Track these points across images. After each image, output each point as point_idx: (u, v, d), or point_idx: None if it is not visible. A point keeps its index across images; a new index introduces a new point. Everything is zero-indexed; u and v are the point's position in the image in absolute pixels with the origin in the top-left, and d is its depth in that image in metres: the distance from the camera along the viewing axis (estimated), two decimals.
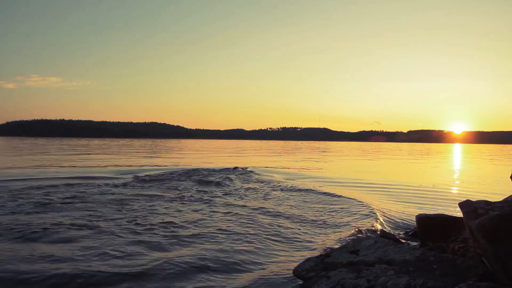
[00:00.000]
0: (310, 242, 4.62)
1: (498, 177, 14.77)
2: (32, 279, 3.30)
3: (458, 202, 3.26)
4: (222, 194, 8.10)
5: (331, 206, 6.96)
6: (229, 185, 9.56)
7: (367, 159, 26.75)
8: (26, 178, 9.95)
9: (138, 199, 7.14)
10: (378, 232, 4.94)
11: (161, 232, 4.85)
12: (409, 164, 22.47)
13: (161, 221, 5.41)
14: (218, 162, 18.84)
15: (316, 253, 4.06)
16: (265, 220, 5.66)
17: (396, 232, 5.23)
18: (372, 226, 5.42)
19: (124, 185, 9.09)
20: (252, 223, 5.48)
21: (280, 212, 6.33)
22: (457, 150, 59.49)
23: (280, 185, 9.78)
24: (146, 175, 11.10)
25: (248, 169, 14.21)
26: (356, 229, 5.15)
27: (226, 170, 13.63)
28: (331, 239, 4.73)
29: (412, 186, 10.67)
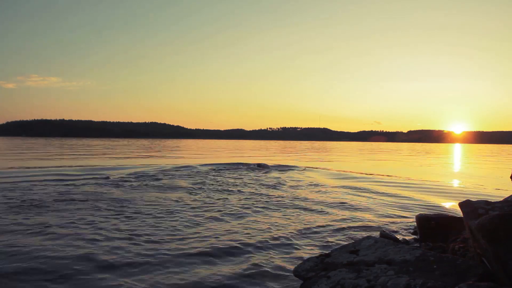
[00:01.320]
0: (311, 241, 4.62)
1: (498, 177, 14.77)
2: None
3: (458, 202, 3.26)
4: (220, 189, 8.10)
5: (336, 206, 6.96)
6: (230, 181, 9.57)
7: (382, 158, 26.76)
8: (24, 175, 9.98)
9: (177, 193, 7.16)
10: (378, 232, 4.94)
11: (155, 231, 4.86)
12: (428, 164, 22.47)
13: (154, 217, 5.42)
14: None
15: (316, 253, 4.06)
16: (265, 218, 5.66)
17: (396, 232, 5.22)
18: (372, 226, 5.43)
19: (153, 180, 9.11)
20: (252, 221, 5.49)
21: (282, 209, 6.34)
22: (457, 150, 59.49)
23: (287, 181, 9.79)
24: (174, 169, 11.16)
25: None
26: (356, 229, 5.15)
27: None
28: (331, 239, 4.74)
29: (412, 185, 10.67)
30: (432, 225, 4.35)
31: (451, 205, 7.47)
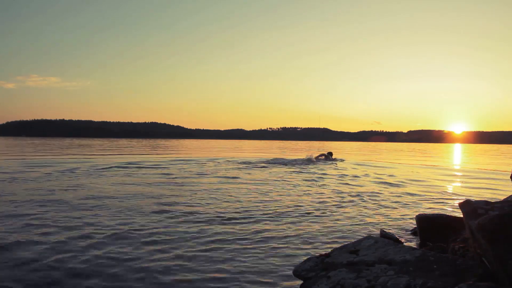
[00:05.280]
0: (311, 241, 4.62)
1: (498, 176, 14.76)
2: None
3: (458, 202, 3.26)
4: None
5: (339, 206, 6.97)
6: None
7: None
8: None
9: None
10: (378, 232, 4.94)
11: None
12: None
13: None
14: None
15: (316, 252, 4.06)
16: (266, 217, 5.67)
17: (396, 232, 5.23)
18: (372, 226, 5.43)
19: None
20: (254, 219, 5.49)
21: (282, 207, 6.35)
22: (457, 150, 59.47)
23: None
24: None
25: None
26: (356, 230, 5.15)
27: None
28: (332, 239, 4.74)
29: (411, 184, 10.66)
30: (432, 225, 4.35)
31: (450, 205, 7.45)
